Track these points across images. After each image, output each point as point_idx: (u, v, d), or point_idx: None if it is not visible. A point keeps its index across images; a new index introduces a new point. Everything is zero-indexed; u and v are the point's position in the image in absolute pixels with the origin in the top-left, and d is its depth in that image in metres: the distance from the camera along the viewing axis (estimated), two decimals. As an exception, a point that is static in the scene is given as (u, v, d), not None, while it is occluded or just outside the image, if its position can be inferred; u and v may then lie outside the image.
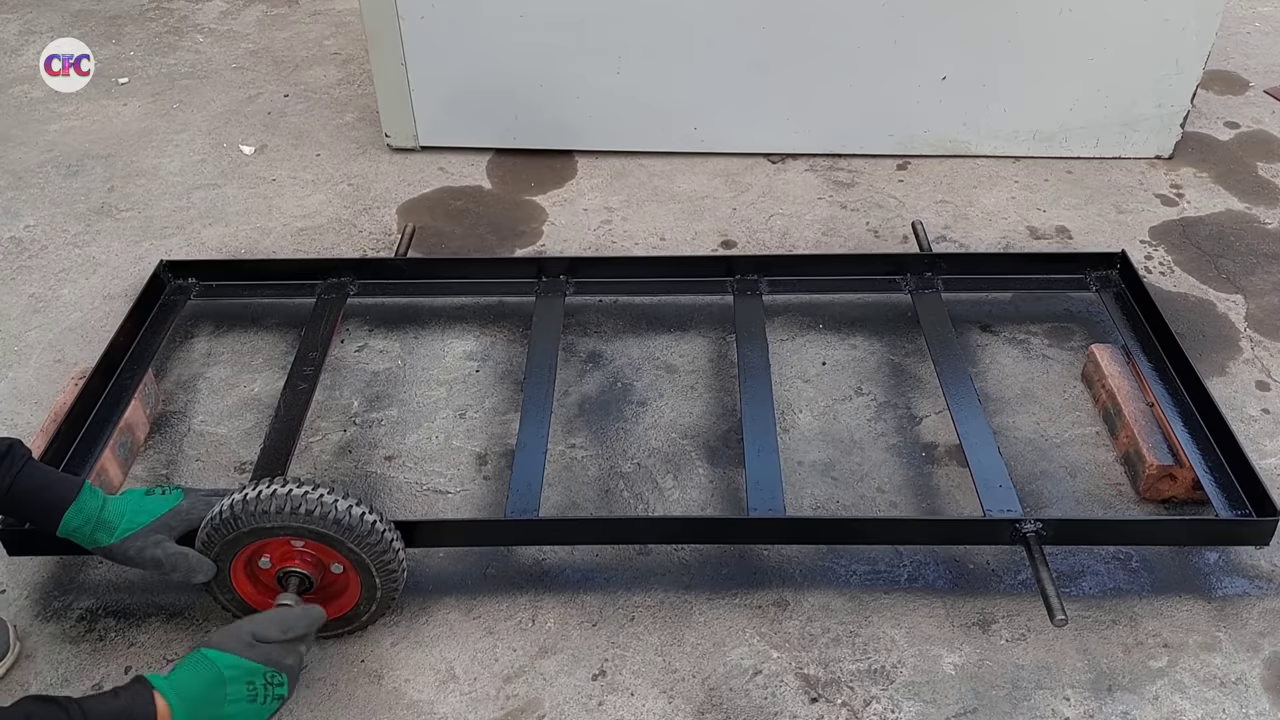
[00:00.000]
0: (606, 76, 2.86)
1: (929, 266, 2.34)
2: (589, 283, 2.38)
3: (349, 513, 1.60)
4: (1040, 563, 1.68)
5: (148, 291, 2.28)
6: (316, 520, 1.58)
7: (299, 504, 1.58)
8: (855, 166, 2.96)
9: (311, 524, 1.58)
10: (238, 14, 3.79)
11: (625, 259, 2.56)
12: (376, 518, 1.63)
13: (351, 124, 3.18)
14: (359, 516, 1.61)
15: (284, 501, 1.58)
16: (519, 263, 2.50)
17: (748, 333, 2.19)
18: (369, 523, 1.61)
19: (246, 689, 1.44)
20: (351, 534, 1.60)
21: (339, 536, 1.60)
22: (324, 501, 1.59)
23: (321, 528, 1.59)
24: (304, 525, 1.59)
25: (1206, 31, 2.73)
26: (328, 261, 2.39)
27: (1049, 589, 1.63)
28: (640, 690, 1.70)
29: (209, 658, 1.44)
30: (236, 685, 1.43)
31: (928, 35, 2.77)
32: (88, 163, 3.01)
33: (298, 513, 1.58)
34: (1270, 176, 2.91)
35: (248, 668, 1.45)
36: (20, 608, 1.83)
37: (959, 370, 2.08)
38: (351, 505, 1.61)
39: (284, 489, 1.59)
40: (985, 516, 1.78)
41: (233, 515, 1.59)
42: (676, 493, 2.02)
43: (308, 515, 1.58)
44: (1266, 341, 2.36)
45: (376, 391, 2.25)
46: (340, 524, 1.59)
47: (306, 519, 1.58)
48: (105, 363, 2.07)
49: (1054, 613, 1.59)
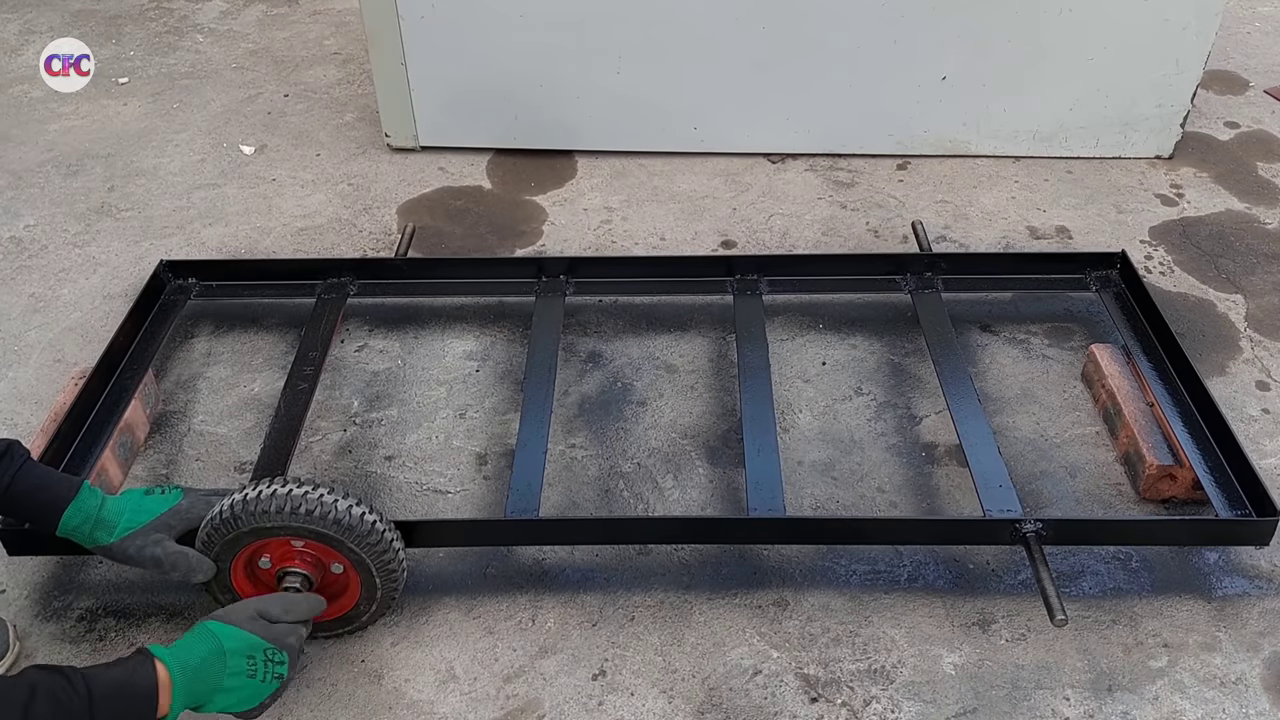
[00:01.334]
0: (606, 76, 2.86)
1: (929, 266, 2.34)
2: (589, 282, 2.38)
3: (349, 513, 1.60)
4: (1040, 563, 1.68)
5: (148, 291, 2.28)
6: (316, 520, 1.58)
7: (299, 504, 1.58)
8: (855, 166, 2.96)
9: (311, 524, 1.58)
10: (238, 14, 3.79)
11: (625, 259, 2.56)
12: (376, 517, 1.63)
13: (351, 124, 3.18)
14: (359, 516, 1.61)
15: (284, 501, 1.57)
16: (519, 263, 2.50)
17: (748, 332, 2.19)
18: (369, 523, 1.61)
19: (246, 663, 1.45)
20: (351, 534, 1.60)
21: (339, 536, 1.60)
22: (324, 501, 1.59)
23: (321, 528, 1.59)
24: (304, 525, 1.59)
25: (1206, 31, 2.73)
26: (328, 261, 2.38)
27: (1049, 589, 1.63)
28: (640, 690, 1.70)
29: (211, 630, 1.45)
30: (237, 658, 1.44)
31: (928, 35, 2.77)
32: (88, 163, 3.01)
33: (298, 513, 1.58)
34: (1270, 176, 2.91)
35: (249, 641, 1.46)
36: (20, 608, 1.83)
37: (959, 370, 2.08)
38: (351, 505, 1.61)
39: (284, 489, 1.59)
40: (985, 517, 1.78)
41: (233, 515, 1.59)
42: (676, 493, 2.02)
43: (308, 515, 1.58)
44: (1266, 341, 2.36)
45: (376, 391, 2.25)
46: (340, 524, 1.59)
47: (306, 519, 1.58)
48: (105, 363, 2.07)
49: (1054, 613, 1.59)
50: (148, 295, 2.27)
